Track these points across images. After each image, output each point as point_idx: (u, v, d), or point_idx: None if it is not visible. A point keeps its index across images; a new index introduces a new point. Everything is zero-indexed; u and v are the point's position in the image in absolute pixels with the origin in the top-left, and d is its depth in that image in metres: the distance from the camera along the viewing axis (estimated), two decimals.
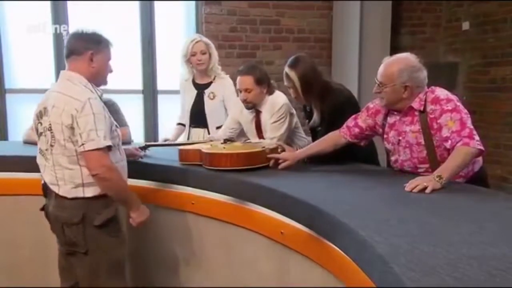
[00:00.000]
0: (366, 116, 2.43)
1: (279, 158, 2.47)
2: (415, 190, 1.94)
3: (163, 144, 3.21)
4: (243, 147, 2.57)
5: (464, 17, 5.27)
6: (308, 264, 1.90)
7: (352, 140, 2.46)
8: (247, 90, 2.89)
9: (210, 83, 3.40)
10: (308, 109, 2.82)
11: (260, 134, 3.03)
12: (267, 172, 2.37)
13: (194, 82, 3.44)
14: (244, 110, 3.02)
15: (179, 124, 3.55)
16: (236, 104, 3.12)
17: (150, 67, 4.91)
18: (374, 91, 2.30)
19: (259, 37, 5.06)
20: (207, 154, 2.47)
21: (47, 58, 4.54)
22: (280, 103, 2.91)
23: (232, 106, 3.26)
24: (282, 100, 2.93)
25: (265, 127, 2.98)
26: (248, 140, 2.90)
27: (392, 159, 2.39)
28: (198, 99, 3.40)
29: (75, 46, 2.13)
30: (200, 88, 3.41)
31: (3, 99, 4.57)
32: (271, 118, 2.91)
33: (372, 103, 2.44)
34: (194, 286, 2.59)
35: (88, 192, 2.09)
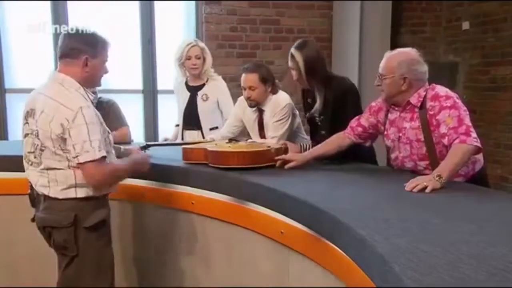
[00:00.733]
0: (368, 115, 2.44)
1: (287, 159, 2.47)
2: (415, 190, 1.94)
3: (164, 144, 3.19)
4: (249, 146, 2.56)
5: (464, 16, 5.27)
6: (308, 264, 1.90)
7: (357, 140, 2.46)
8: (251, 88, 2.90)
9: (203, 85, 3.40)
10: (310, 101, 2.80)
11: (262, 133, 3.02)
12: (267, 172, 2.37)
13: (187, 84, 3.45)
14: (247, 109, 3.02)
15: (177, 125, 3.55)
16: (240, 103, 3.12)
17: (150, 67, 4.92)
18: (375, 83, 2.32)
19: (259, 36, 5.06)
20: (213, 152, 2.46)
21: (47, 58, 4.53)
22: (283, 102, 2.91)
23: (229, 107, 3.28)
24: (286, 100, 2.93)
25: (267, 126, 2.98)
26: (251, 140, 2.90)
27: (392, 156, 2.40)
28: (191, 100, 3.40)
29: (70, 48, 2.03)
30: (193, 90, 3.41)
31: (3, 98, 4.57)
32: (273, 117, 2.91)
33: (374, 102, 2.46)
34: (194, 285, 2.59)
35: (80, 193, 2.04)
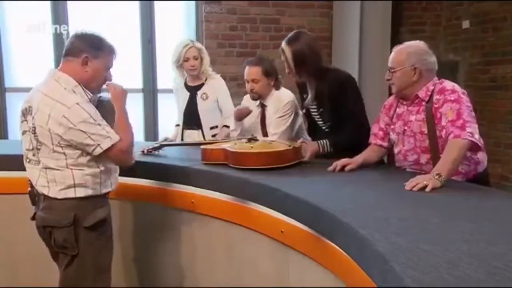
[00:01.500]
0: (383, 115, 2.46)
1: (345, 164, 2.36)
2: (415, 189, 1.93)
3: (177, 144, 3.16)
4: (270, 146, 2.50)
5: (464, 15, 5.28)
6: (308, 263, 1.90)
7: (385, 144, 2.45)
8: (254, 81, 2.94)
9: (202, 84, 3.40)
10: (306, 96, 2.78)
11: (264, 130, 3.04)
12: (268, 171, 2.36)
13: (186, 84, 3.45)
14: (251, 106, 3.06)
15: (177, 125, 3.54)
16: (245, 100, 3.18)
17: (150, 66, 4.92)
18: (385, 78, 2.34)
19: (259, 35, 5.06)
20: (234, 153, 2.39)
21: (47, 58, 4.53)
22: (286, 99, 2.94)
23: (228, 105, 3.34)
24: (289, 97, 2.96)
25: (269, 123, 2.99)
26: (269, 139, 2.84)
27: (395, 150, 2.41)
28: (191, 100, 3.40)
29: (73, 46, 2.04)
30: (193, 90, 3.41)
31: (3, 97, 4.57)
32: (276, 113, 2.93)
33: (387, 101, 2.49)
34: (194, 285, 2.59)
35: (79, 192, 2.03)
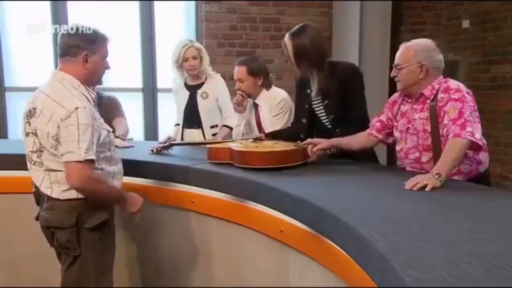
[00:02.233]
0: (386, 109, 2.46)
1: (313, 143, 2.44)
2: (414, 188, 1.93)
3: (187, 143, 3.17)
4: (275, 146, 2.51)
5: (464, 15, 5.27)
6: (308, 262, 1.90)
7: (380, 136, 2.46)
8: (240, 80, 3.00)
9: (202, 84, 3.40)
10: (309, 92, 2.77)
11: (261, 130, 3.04)
12: (268, 171, 2.36)
13: (186, 84, 3.45)
14: (247, 107, 3.07)
15: (177, 125, 3.54)
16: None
17: (150, 65, 4.92)
18: (392, 75, 2.34)
19: (259, 35, 5.06)
20: (239, 152, 2.40)
21: (47, 58, 4.53)
22: (279, 97, 2.95)
23: (227, 104, 3.33)
24: (282, 95, 2.97)
25: (264, 123, 3.00)
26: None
27: (398, 148, 2.41)
28: (191, 99, 3.40)
29: (69, 46, 2.03)
30: (193, 89, 3.41)
31: (3, 97, 4.57)
32: (271, 112, 2.94)
33: (392, 97, 2.49)
34: (194, 285, 2.59)
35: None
